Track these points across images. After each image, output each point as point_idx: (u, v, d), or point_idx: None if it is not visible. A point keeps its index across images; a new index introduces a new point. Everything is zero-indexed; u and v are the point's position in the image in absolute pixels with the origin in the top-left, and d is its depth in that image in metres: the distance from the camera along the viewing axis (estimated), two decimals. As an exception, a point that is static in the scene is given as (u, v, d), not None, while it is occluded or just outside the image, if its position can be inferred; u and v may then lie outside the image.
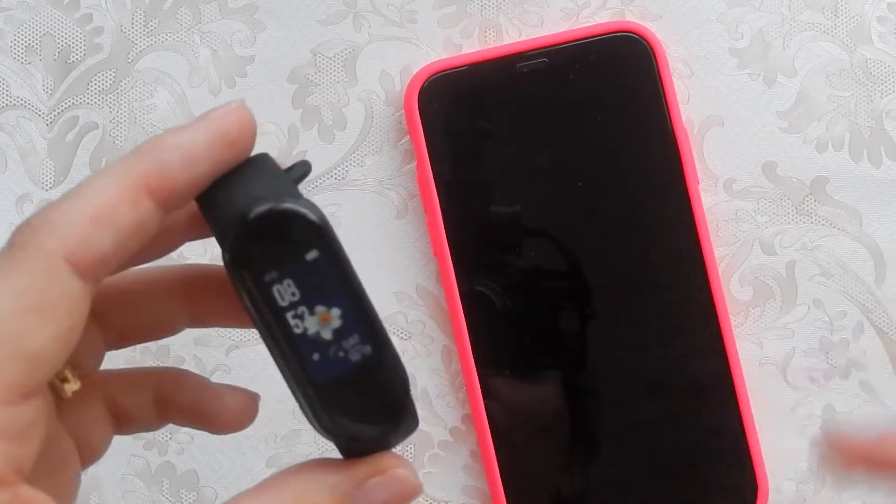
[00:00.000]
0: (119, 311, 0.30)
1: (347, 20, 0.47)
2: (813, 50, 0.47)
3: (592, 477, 0.45)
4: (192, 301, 0.30)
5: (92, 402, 0.30)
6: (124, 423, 0.31)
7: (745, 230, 0.47)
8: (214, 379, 0.44)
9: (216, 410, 0.31)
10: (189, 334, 0.45)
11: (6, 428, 0.24)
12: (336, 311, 0.26)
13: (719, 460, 0.45)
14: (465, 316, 0.45)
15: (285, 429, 0.46)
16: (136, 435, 0.38)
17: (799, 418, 0.47)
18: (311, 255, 0.25)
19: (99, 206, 0.24)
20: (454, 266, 0.45)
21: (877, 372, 0.47)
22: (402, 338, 0.46)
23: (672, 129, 0.45)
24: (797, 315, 0.47)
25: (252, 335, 0.46)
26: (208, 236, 0.28)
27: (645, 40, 0.45)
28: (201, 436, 0.46)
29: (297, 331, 0.25)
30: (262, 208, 0.25)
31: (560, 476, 0.45)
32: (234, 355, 0.46)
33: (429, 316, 0.46)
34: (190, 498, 0.46)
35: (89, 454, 0.30)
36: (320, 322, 0.26)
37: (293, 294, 0.25)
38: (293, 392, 0.26)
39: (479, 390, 0.45)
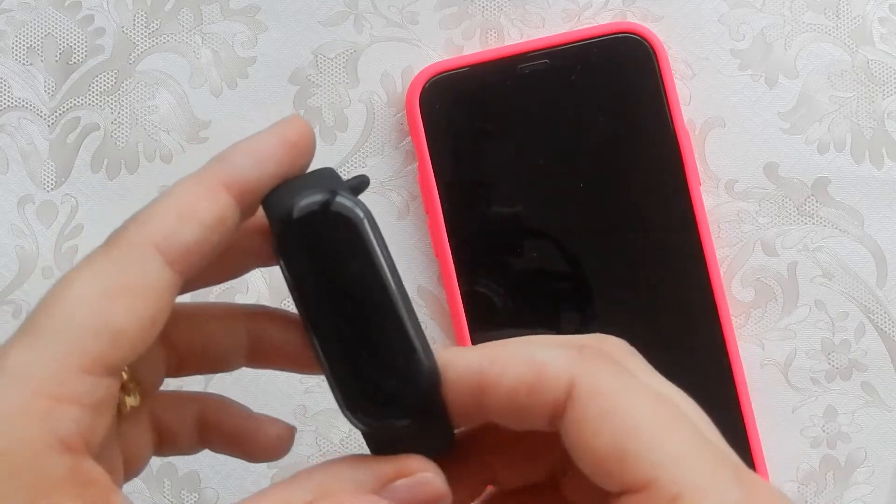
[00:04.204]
0: (185, 338, 0.31)
1: (349, 21, 0.47)
2: (814, 51, 0.47)
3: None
4: (253, 340, 0.31)
5: (141, 420, 0.31)
6: (166, 443, 0.32)
7: (747, 231, 0.47)
8: (214, 383, 0.44)
9: (256, 439, 0.32)
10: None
11: (84, 396, 0.25)
12: (368, 305, 0.27)
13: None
14: (467, 317, 0.45)
15: (287, 430, 0.46)
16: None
17: (800, 419, 0.47)
18: (350, 248, 0.27)
19: (183, 203, 0.26)
20: (455, 267, 0.45)
21: (878, 373, 0.47)
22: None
23: (674, 129, 0.45)
24: (799, 316, 0.47)
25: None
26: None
27: (646, 41, 0.45)
28: (203, 437, 0.46)
29: (330, 321, 0.27)
30: (306, 200, 0.27)
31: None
32: (236, 356, 0.46)
33: (430, 317, 0.46)
34: (191, 499, 0.46)
35: (130, 470, 0.31)
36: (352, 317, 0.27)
37: (330, 284, 0.27)
38: (325, 377, 0.27)
39: None
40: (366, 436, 0.28)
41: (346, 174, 0.46)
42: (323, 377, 0.28)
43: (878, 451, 0.47)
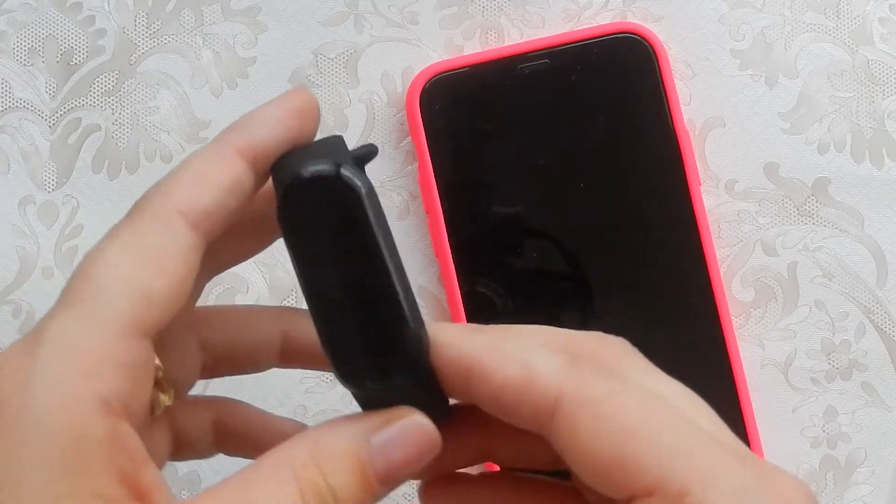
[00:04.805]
0: (219, 339, 0.32)
1: (349, 21, 0.47)
2: (814, 51, 0.47)
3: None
4: (285, 340, 0.32)
5: (161, 425, 0.31)
6: (182, 448, 0.32)
7: (747, 231, 0.47)
8: (215, 383, 0.44)
9: (271, 440, 0.32)
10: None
11: (123, 358, 0.26)
12: (360, 271, 0.28)
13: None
14: (467, 317, 0.45)
15: (287, 430, 0.46)
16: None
17: (800, 419, 0.47)
18: (347, 217, 0.28)
19: (202, 170, 0.28)
20: (455, 267, 0.45)
21: (878, 373, 0.47)
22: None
23: (674, 130, 0.45)
24: (799, 316, 0.47)
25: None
26: None
27: (646, 41, 0.45)
28: (203, 437, 0.46)
29: (325, 285, 0.28)
30: (309, 169, 0.27)
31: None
32: (236, 356, 0.46)
33: (430, 317, 0.46)
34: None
35: None
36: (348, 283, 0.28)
37: (326, 250, 0.28)
38: (319, 339, 0.28)
39: None
40: (358, 399, 0.29)
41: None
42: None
43: (878, 451, 0.46)
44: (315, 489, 0.26)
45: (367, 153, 0.29)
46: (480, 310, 0.45)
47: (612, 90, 0.46)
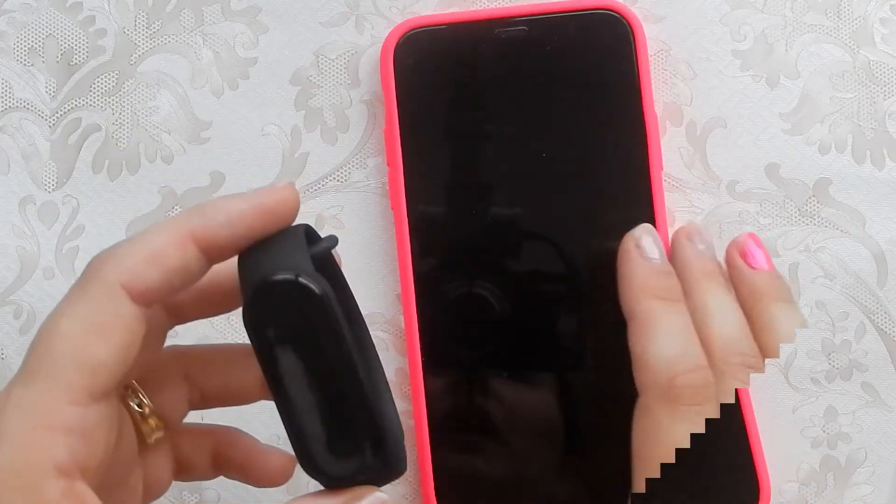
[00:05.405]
0: (206, 376, 0.35)
1: (350, 22, 0.47)
2: (816, 52, 0.47)
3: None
4: None
5: (163, 450, 0.35)
6: (184, 471, 0.36)
7: (748, 232, 0.47)
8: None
9: (262, 469, 0.36)
10: (194, 332, 0.45)
11: (73, 425, 0.28)
12: (328, 373, 0.29)
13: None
14: (415, 280, 0.45)
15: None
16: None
17: (801, 419, 0.47)
18: (310, 321, 0.29)
19: (152, 248, 0.30)
20: (410, 232, 0.45)
21: (879, 373, 0.47)
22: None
23: (642, 112, 0.45)
24: (799, 317, 0.47)
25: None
26: None
27: (625, 19, 0.45)
28: (204, 437, 0.46)
29: (291, 385, 0.30)
30: (271, 277, 0.29)
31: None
32: (237, 357, 0.46)
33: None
34: (193, 499, 0.46)
35: (152, 494, 0.35)
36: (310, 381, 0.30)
37: (291, 353, 0.29)
38: (287, 433, 0.30)
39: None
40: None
41: (347, 175, 0.46)
42: None
43: (878, 451, 0.47)
44: None
45: (327, 247, 0.31)
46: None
47: (586, 64, 0.45)
